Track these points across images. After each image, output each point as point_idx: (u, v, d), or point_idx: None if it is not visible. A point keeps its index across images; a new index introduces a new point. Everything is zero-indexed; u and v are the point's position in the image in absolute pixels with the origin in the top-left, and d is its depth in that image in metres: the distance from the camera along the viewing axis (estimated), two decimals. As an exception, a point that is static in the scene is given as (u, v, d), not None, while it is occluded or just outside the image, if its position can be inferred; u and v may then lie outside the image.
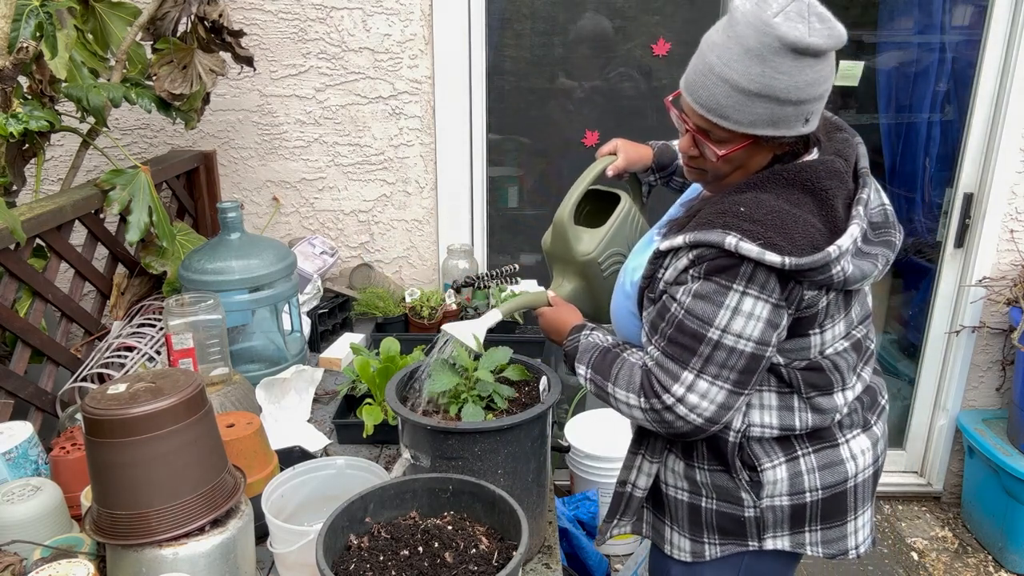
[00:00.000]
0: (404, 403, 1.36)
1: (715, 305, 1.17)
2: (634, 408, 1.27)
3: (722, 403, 1.20)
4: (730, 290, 1.16)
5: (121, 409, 1.05)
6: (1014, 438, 2.71)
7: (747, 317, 1.17)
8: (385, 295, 2.51)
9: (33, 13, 1.71)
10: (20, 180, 1.85)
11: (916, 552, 2.85)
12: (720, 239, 1.14)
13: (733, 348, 1.18)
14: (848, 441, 1.37)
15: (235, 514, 1.16)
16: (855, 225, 1.19)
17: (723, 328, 1.17)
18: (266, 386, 1.77)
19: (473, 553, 1.07)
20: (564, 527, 2.33)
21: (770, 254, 1.12)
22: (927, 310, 2.94)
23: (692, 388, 1.20)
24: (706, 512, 1.37)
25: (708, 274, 1.18)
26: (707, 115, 1.18)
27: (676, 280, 1.23)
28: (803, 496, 1.33)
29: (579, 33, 2.65)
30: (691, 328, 1.19)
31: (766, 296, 1.16)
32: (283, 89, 2.52)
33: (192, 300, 1.61)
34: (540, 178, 2.85)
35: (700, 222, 1.20)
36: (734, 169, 1.26)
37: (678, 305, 1.21)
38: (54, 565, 1.06)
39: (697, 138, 1.23)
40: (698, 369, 1.19)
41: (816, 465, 1.34)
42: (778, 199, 1.19)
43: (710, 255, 1.17)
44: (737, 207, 1.18)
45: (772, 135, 1.18)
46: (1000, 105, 2.60)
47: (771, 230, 1.14)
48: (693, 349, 1.19)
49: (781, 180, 1.22)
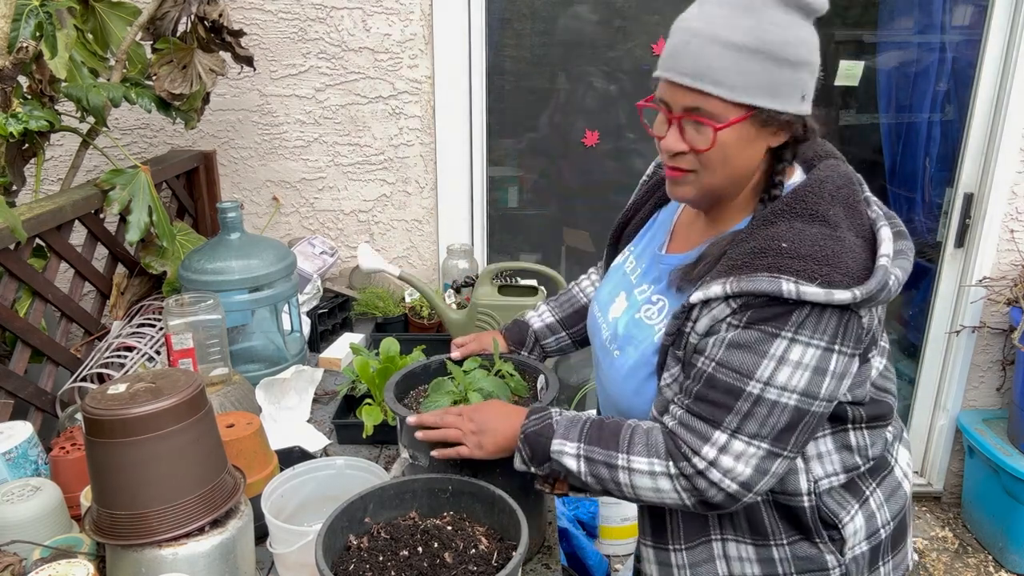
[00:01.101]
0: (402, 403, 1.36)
1: (757, 355, 1.02)
2: (659, 477, 1.08)
3: (758, 466, 1.04)
4: (777, 337, 1.02)
5: (121, 409, 1.05)
6: (1014, 438, 2.71)
7: (794, 367, 1.02)
8: (385, 295, 2.51)
9: (33, 13, 1.70)
10: (20, 180, 1.85)
11: (916, 552, 2.85)
12: (774, 287, 1.00)
13: (776, 403, 1.03)
14: (897, 460, 1.26)
15: (235, 514, 1.16)
16: (885, 227, 1.08)
17: (766, 381, 1.02)
18: (266, 386, 1.77)
19: (473, 553, 1.07)
20: (564, 527, 2.33)
21: (839, 292, 0.99)
22: (927, 310, 2.94)
23: (726, 450, 1.04)
24: None
25: (751, 322, 1.03)
26: (696, 84, 1.02)
27: (709, 331, 1.08)
28: (879, 535, 1.21)
29: (579, 33, 2.65)
30: (725, 382, 1.04)
31: (816, 340, 1.02)
32: (283, 89, 2.52)
33: (192, 300, 1.61)
34: (540, 178, 2.85)
35: (733, 266, 1.05)
36: (728, 169, 1.09)
37: (707, 359, 1.07)
38: (54, 565, 1.06)
39: (685, 127, 1.07)
40: (733, 428, 1.04)
41: (883, 499, 1.22)
42: (814, 223, 1.05)
43: (758, 303, 1.03)
44: (776, 243, 1.03)
45: (770, 107, 1.03)
46: (1000, 105, 2.60)
47: (824, 264, 1.01)
48: (728, 406, 1.04)
49: (810, 197, 1.07)
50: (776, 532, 1.16)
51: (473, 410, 1.22)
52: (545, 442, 1.13)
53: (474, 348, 1.48)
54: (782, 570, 1.17)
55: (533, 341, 1.53)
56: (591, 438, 1.12)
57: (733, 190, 1.14)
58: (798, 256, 1.01)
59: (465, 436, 1.19)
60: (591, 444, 1.11)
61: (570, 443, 1.12)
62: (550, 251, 2.97)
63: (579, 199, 2.83)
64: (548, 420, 1.15)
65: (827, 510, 1.16)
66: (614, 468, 1.09)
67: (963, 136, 2.72)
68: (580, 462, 1.11)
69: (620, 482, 1.10)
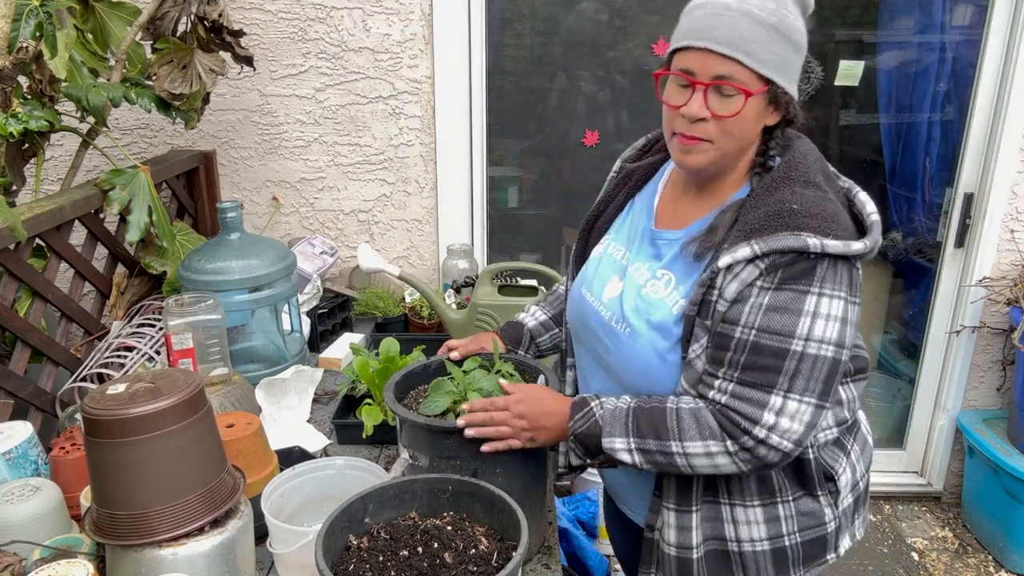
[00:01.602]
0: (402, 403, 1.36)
1: (795, 314, 1.09)
2: (717, 456, 1.13)
3: (809, 421, 1.11)
4: (808, 294, 1.09)
5: (121, 409, 1.05)
6: (1014, 438, 2.71)
7: (825, 319, 1.10)
8: (385, 295, 2.51)
9: (33, 13, 1.70)
10: (20, 180, 1.85)
11: (916, 552, 2.85)
12: (800, 243, 1.08)
13: (817, 356, 1.09)
14: (861, 416, 1.36)
15: (235, 514, 1.16)
16: (860, 192, 1.20)
17: (806, 337, 1.09)
18: (266, 386, 1.77)
19: (472, 553, 1.07)
20: (564, 527, 2.33)
21: (854, 244, 1.09)
22: (927, 310, 2.94)
23: (782, 412, 1.10)
24: (791, 550, 1.26)
25: (783, 282, 1.10)
26: (732, 53, 1.09)
27: (739, 297, 1.12)
28: (859, 488, 1.31)
29: (579, 33, 2.65)
30: (771, 347, 1.10)
31: (838, 292, 1.11)
32: (283, 89, 2.52)
33: (192, 300, 1.60)
34: (540, 178, 2.85)
35: (752, 229, 1.11)
36: (741, 140, 1.17)
37: (745, 327, 1.11)
38: (54, 565, 1.06)
39: (710, 95, 1.12)
40: (786, 389, 1.10)
41: (860, 451, 1.31)
42: (809, 188, 1.14)
43: (786, 261, 1.09)
44: (787, 205, 1.11)
45: (782, 85, 1.13)
46: (1000, 105, 2.60)
47: (831, 222, 1.10)
48: (777, 368, 1.09)
49: (801, 167, 1.17)
50: (783, 489, 1.23)
51: (516, 403, 1.24)
52: (595, 439, 1.19)
53: (472, 349, 1.48)
54: (786, 529, 1.24)
55: (529, 339, 1.55)
56: (639, 430, 1.16)
57: (734, 162, 1.21)
58: (810, 215, 1.10)
59: (517, 434, 1.23)
60: (641, 436, 1.16)
61: (619, 439, 1.17)
62: (550, 251, 2.97)
63: (579, 199, 2.83)
64: (592, 418, 1.20)
65: (825, 463, 1.25)
66: (669, 455, 1.15)
67: (963, 136, 2.71)
68: (634, 455, 1.17)
69: (677, 465, 1.16)
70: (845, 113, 2.95)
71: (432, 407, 1.31)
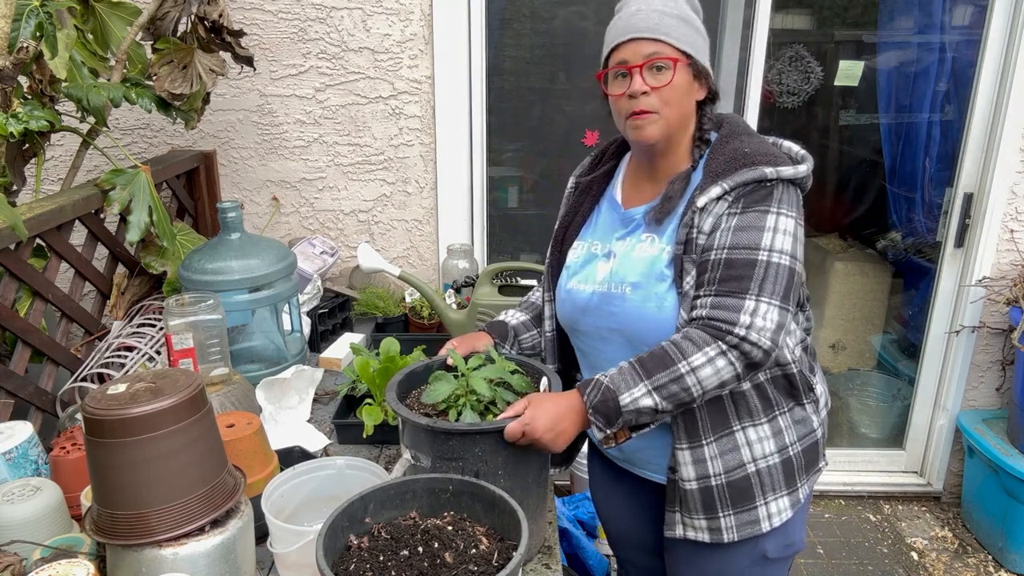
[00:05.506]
0: (403, 403, 1.36)
1: (758, 230, 1.28)
2: (716, 359, 1.25)
3: (779, 321, 1.26)
4: (768, 213, 1.29)
5: (121, 409, 1.05)
6: (1014, 438, 2.71)
7: (783, 234, 1.28)
8: (385, 295, 2.51)
9: (33, 13, 1.71)
10: (20, 180, 1.85)
11: (916, 552, 2.85)
12: (758, 174, 1.29)
13: (779, 264, 1.27)
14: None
15: (235, 514, 1.16)
16: (783, 140, 1.43)
17: (769, 248, 1.27)
18: (266, 386, 1.77)
19: (473, 553, 1.07)
20: (564, 527, 2.33)
21: (802, 165, 1.33)
22: (927, 310, 2.94)
23: (755, 313, 1.25)
24: (796, 459, 1.42)
25: (746, 207, 1.30)
26: (654, 35, 1.32)
27: (713, 227, 1.31)
28: (827, 408, 1.51)
29: (579, 33, 2.65)
30: (741, 259, 1.27)
31: (791, 212, 1.30)
32: (283, 89, 2.52)
33: (192, 300, 1.61)
34: (540, 178, 2.86)
35: (718, 174, 1.32)
36: (679, 109, 1.36)
37: (718, 249, 1.29)
38: (54, 565, 1.06)
39: (645, 73, 1.34)
40: (756, 293, 1.26)
41: (820, 372, 1.52)
42: (752, 138, 1.38)
43: (748, 190, 1.30)
44: (740, 150, 1.33)
45: (697, 58, 1.36)
46: (1000, 105, 2.60)
47: (777, 156, 1.33)
48: (748, 276, 1.26)
49: (738, 127, 1.41)
50: (779, 402, 1.40)
51: (532, 419, 1.26)
52: (613, 403, 1.27)
53: (466, 349, 1.51)
54: (788, 439, 1.41)
55: (513, 336, 1.63)
56: (647, 371, 1.27)
57: (679, 137, 1.40)
58: (760, 154, 1.33)
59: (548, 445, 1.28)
60: (651, 376, 1.26)
61: (636, 389, 1.27)
62: (550, 251, 2.97)
63: (579, 199, 2.83)
64: (602, 385, 1.29)
65: (805, 375, 1.43)
66: (680, 378, 1.26)
67: (963, 136, 2.72)
68: (653, 395, 1.26)
69: (689, 386, 1.26)
70: (845, 113, 2.96)
71: (433, 395, 1.32)
